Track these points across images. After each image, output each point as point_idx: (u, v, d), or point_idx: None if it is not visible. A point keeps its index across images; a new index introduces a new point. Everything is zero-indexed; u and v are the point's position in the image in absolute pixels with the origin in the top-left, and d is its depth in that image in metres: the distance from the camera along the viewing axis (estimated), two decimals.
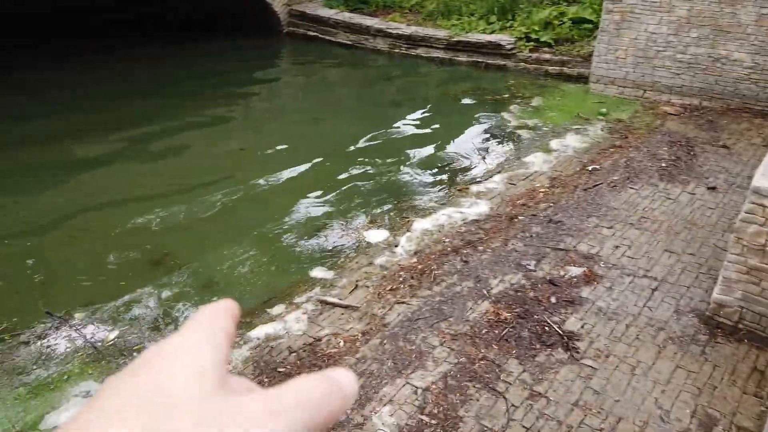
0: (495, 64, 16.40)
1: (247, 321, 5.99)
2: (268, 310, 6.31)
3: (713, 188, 8.82)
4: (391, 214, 8.78)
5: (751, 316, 5.60)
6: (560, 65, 15.48)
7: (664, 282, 6.62)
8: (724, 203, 8.41)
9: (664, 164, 9.70)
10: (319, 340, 5.78)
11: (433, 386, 5.11)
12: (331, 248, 7.78)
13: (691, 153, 10.17)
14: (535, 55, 15.97)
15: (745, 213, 5.37)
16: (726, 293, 5.68)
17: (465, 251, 7.41)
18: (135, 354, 5.46)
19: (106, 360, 5.50)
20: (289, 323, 6.00)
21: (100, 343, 5.72)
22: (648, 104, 12.98)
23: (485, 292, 6.49)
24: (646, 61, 13.05)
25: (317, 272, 7.14)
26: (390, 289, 6.61)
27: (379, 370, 5.33)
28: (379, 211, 8.89)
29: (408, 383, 5.16)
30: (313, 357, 5.53)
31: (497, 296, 6.39)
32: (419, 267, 7.04)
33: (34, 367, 5.48)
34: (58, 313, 6.14)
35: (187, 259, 7.30)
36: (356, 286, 6.73)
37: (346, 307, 6.31)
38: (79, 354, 5.64)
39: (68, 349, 5.70)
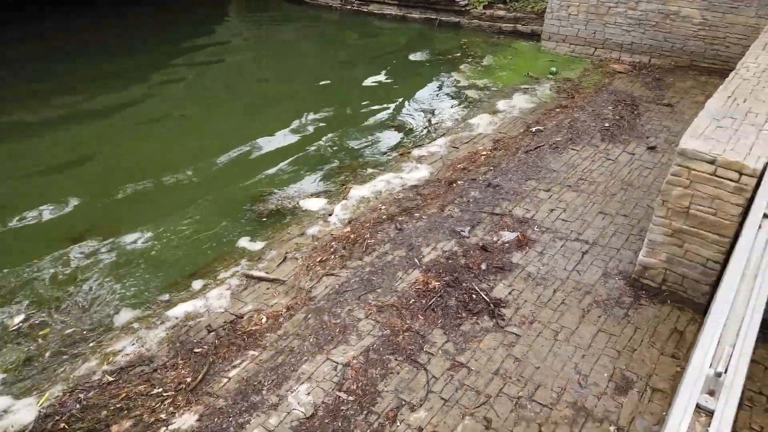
0: (449, 21, 16.00)
1: (165, 300, 5.77)
2: (191, 286, 6.10)
3: (653, 148, 8.80)
4: (331, 181, 8.55)
5: (674, 277, 5.62)
6: (514, 22, 15.18)
7: (596, 245, 6.60)
8: (662, 163, 8.41)
9: (607, 124, 9.63)
10: (241, 317, 5.61)
11: (354, 361, 5.01)
12: (264, 219, 7.54)
13: (635, 112, 10.12)
14: (489, 11, 15.61)
15: (671, 175, 5.31)
16: (651, 255, 5.67)
17: (400, 219, 7.26)
18: (41, 340, 5.22)
19: (8, 347, 5.24)
20: (210, 300, 5.81)
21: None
22: (598, 62, 12.86)
23: (416, 260, 6.37)
24: (598, 18, 12.85)
25: (246, 244, 6.92)
26: (320, 261, 6.44)
27: (300, 347, 5.20)
28: (319, 178, 8.65)
29: (329, 359, 5.05)
30: (232, 335, 5.37)
31: (428, 265, 6.29)
32: (352, 236, 6.87)
33: None
34: None
35: (109, 233, 6.98)
36: (285, 258, 6.54)
37: (272, 280, 6.13)
38: None
39: None
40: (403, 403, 4.64)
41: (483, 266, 6.26)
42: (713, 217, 5.14)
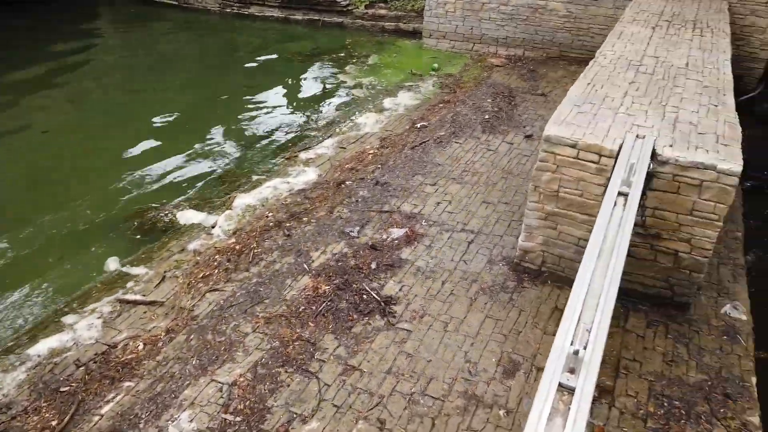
0: (332, 21, 15.91)
1: (26, 337, 5.19)
2: (57, 318, 5.53)
3: (530, 136, 9.21)
4: (214, 191, 8.15)
5: (551, 258, 5.87)
6: (396, 21, 15.38)
7: (480, 234, 6.77)
8: (538, 151, 8.79)
9: (487, 116, 9.96)
10: (115, 346, 5.16)
11: (241, 379, 4.76)
12: (140, 237, 7.03)
13: (513, 103, 10.56)
14: (371, 11, 15.69)
15: (539, 161, 5.53)
16: (529, 239, 5.89)
17: (288, 224, 7.05)
18: None
19: None
20: (79, 332, 5.29)
21: None
22: (477, 57, 13.31)
23: (306, 266, 6.20)
24: (473, 14, 13.29)
25: (120, 266, 6.40)
26: (202, 277, 6.09)
27: (182, 371, 4.86)
28: (200, 189, 8.22)
29: (213, 380, 4.76)
30: (105, 368, 4.91)
31: (318, 269, 6.13)
32: (237, 247, 6.57)
33: None
34: None
35: None
36: (164, 277, 6.12)
37: (149, 303, 5.71)
38: None
39: None
40: (295, 416, 4.46)
41: (373, 265, 6.20)
42: (580, 198, 5.41)
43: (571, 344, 2.73)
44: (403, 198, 7.54)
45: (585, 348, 2.68)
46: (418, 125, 9.82)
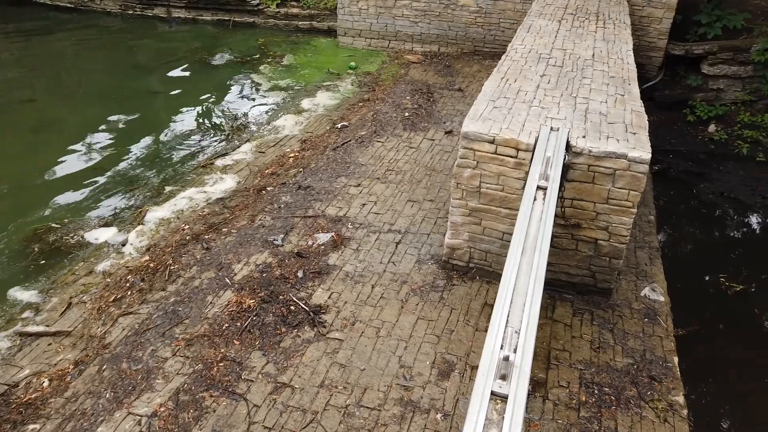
0: (243, 21, 15.39)
1: None
2: None
3: (450, 132, 9.26)
4: (124, 206, 7.60)
5: (478, 254, 5.88)
6: (310, 19, 15.08)
7: (407, 233, 6.69)
8: (459, 147, 8.87)
9: (407, 114, 9.93)
10: (16, 385, 4.65)
11: (162, 409, 4.41)
12: (42, 261, 6.43)
13: (431, 99, 10.60)
14: (283, 10, 15.30)
15: (460, 158, 5.51)
16: (455, 237, 5.87)
17: (207, 237, 6.67)
18: None
19: None
20: None
21: None
22: (394, 54, 13.28)
23: (228, 280, 5.88)
24: (387, 11, 13.24)
25: (20, 294, 5.82)
26: (114, 300, 5.63)
27: (95, 407, 4.44)
28: (109, 204, 7.64)
29: (131, 413, 4.38)
30: (5, 411, 4.41)
31: (241, 282, 5.83)
32: (152, 265, 6.13)
33: None
34: None
35: None
36: (70, 304, 5.61)
37: (54, 334, 5.20)
38: None
39: None
40: None
41: (300, 274, 5.98)
42: (501, 192, 5.43)
43: (501, 348, 2.66)
44: (328, 201, 7.34)
45: (515, 351, 2.62)
46: (339, 125, 9.64)
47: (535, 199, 4.12)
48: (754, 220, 9.00)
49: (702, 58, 11.48)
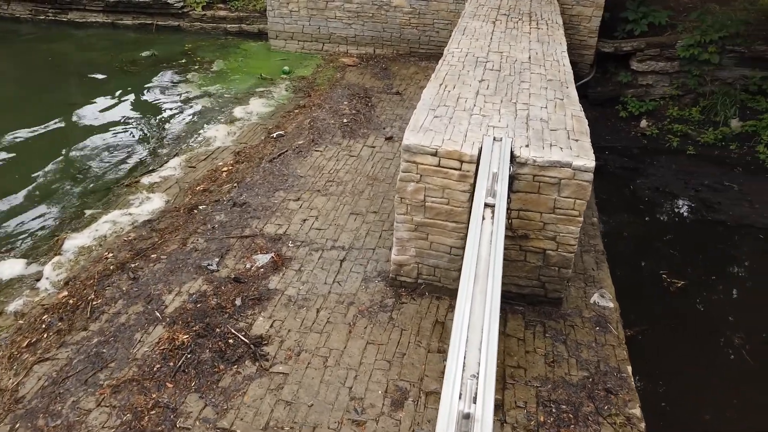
0: (167, 25, 14.59)
1: None
2: None
3: (390, 138, 9.02)
4: (37, 234, 6.92)
5: (426, 269, 5.65)
6: (239, 22, 14.47)
7: (352, 249, 6.39)
8: (400, 152, 8.63)
9: (346, 120, 9.62)
10: None
11: None
12: None
13: (369, 104, 10.32)
14: (210, 12, 14.62)
15: (402, 172, 5.26)
16: (402, 253, 5.62)
17: (134, 265, 6.13)
18: None
19: None
20: None
21: None
22: (329, 57, 12.91)
23: (158, 313, 5.39)
24: (319, 13, 12.86)
25: None
26: (27, 345, 5.04)
27: None
28: (18, 233, 6.93)
29: None
30: None
31: (173, 315, 5.36)
32: (71, 301, 5.56)
33: None
34: None
35: None
36: None
37: None
38: None
39: None
40: None
41: (238, 302, 5.56)
42: (447, 206, 5.22)
43: (460, 398, 2.41)
44: (266, 218, 6.94)
45: (474, 401, 2.37)
46: (275, 135, 9.21)
47: (483, 219, 3.91)
48: (688, 213, 9.25)
49: (631, 54, 11.77)
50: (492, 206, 4.02)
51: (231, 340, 5.08)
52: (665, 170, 10.38)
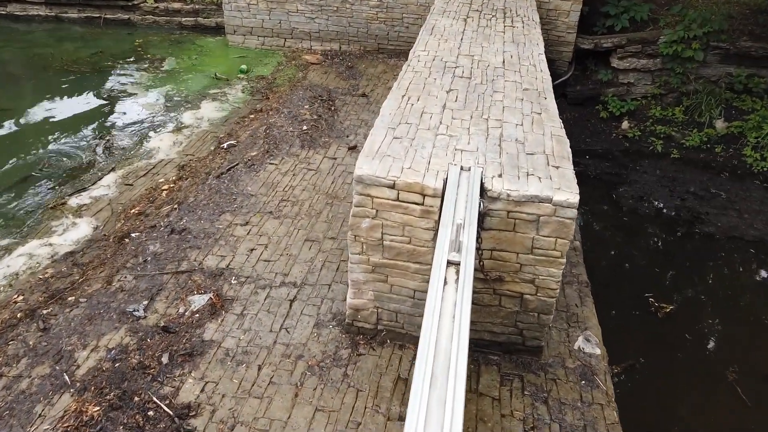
0: (117, 19, 13.50)
1: None
2: None
3: (353, 148, 8.19)
4: None
5: (387, 315, 4.89)
6: (194, 15, 13.44)
7: (305, 286, 5.59)
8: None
9: (305, 127, 8.75)
10: None
11: None
12: None
13: (332, 108, 9.47)
14: (162, 4, 13.55)
15: (355, 207, 4.46)
16: (358, 296, 4.84)
17: (47, 310, 5.25)
18: None
19: None
20: None
21: None
22: (291, 54, 11.98)
23: (66, 377, 4.54)
24: (279, 6, 11.90)
25: None
26: None
27: None
28: None
29: None
30: None
31: (84, 379, 4.51)
32: None
33: None
34: None
35: None
36: None
37: None
38: None
39: None
40: None
41: (164, 359, 4.73)
42: (409, 245, 4.45)
43: None
44: (207, 248, 6.08)
45: None
46: (225, 144, 8.31)
47: (445, 282, 3.14)
48: (675, 226, 8.63)
49: (611, 51, 11.09)
50: (457, 264, 3.25)
51: (151, 412, 4.25)
52: (649, 176, 9.75)
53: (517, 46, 7.13)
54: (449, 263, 3.25)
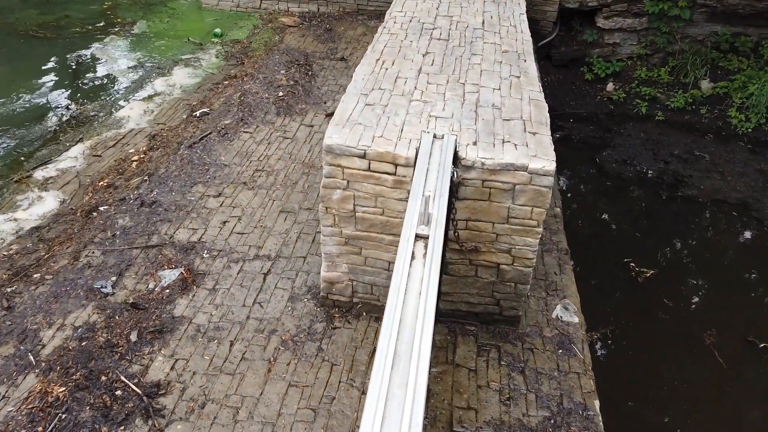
0: None
1: None
2: None
3: (331, 114, 7.91)
4: None
5: (362, 287, 4.78)
6: None
7: (279, 259, 5.45)
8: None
9: (281, 93, 8.46)
10: None
11: None
12: None
13: (310, 73, 9.16)
14: None
15: (325, 177, 4.29)
16: (332, 269, 4.72)
17: (11, 288, 5.08)
18: None
19: None
20: None
21: None
22: (267, 16, 11.53)
23: (32, 357, 4.40)
24: None
25: None
26: None
27: None
28: None
29: None
30: None
31: (50, 359, 4.38)
32: None
33: None
34: None
35: None
36: None
37: None
38: None
39: None
40: None
41: (133, 336, 4.60)
42: (382, 216, 4.31)
43: None
44: (179, 221, 5.90)
45: None
46: (198, 113, 8.02)
47: (413, 257, 3.00)
48: (658, 190, 8.56)
49: (597, 10, 10.79)
50: (425, 238, 3.11)
51: (119, 392, 4.14)
52: (633, 139, 9.63)
53: (498, 5, 6.86)
54: (417, 237, 3.11)
